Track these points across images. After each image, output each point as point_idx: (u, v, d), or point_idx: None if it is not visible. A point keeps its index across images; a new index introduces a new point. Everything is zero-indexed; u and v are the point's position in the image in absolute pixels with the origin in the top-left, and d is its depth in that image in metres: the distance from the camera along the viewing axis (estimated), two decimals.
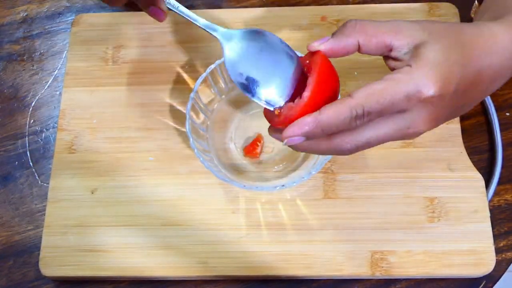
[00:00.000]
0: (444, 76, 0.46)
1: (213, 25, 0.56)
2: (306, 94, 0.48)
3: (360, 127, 0.47)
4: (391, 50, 0.49)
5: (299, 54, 0.54)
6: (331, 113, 0.46)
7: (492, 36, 0.49)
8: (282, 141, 0.48)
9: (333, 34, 0.50)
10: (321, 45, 0.49)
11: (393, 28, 0.49)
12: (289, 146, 0.49)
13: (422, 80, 0.45)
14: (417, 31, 0.48)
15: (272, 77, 0.52)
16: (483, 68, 0.48)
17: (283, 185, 0.59)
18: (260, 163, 0.64)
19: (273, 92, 0.51)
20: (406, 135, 0.48)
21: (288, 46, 0.54)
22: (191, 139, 0.60)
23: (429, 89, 0.46)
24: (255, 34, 0.54)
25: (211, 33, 0.56)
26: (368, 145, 0.49)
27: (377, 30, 0.49)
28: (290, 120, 0.48)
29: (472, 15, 0.68)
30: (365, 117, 0.46)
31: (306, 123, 0.47)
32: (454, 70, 0.47)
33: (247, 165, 0.64)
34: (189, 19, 0.57)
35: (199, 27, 0.57)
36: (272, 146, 0.64)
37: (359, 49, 0.49)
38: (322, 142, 0.48)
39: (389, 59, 0.50)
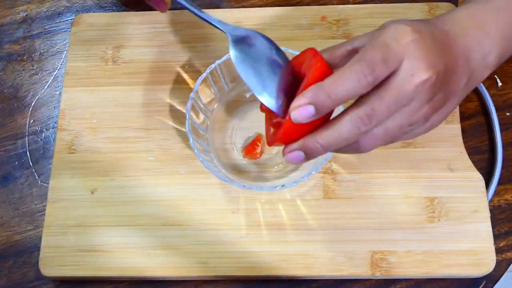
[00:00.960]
0: (411, 25, 0.46)
1: (221, 21, 0.56)
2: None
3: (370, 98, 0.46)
4: (358, 49, 0.48)
5: (294, 52, 0.54)
6: (335, 75, 0.45)
7: (450, 13, 0.52)
8: (292, 124, 0.46)
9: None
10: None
11: (348, 40, 0.50)
12: (307, 152, 0.48)
13: (394, 32, 0.46)
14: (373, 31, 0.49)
15: (271, 82, 0.51)
16: (447, 31, 0.49)
17: (283, 185, 0.59)
18: (260, 163, 0.64)
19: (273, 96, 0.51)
20: (416, 86, 0.46)
21: (279, 49, 0.54)
22: (191, 139, 0.60)
23: (406, 35, 0.45)
24: (252, 38, 0.54)
25: (219, 28, 0.55)
26: (382, 104, 0.46)
27: (334, 48, 0.50)
28: (285, 132, 0.48)
29: None
30: (369, 69, 0.44)
31: (309, 89, 0.45)
32: (419, 23, 0.47)
33: (247, 165, 0.64)
34: (197, 14, 0.57)
35: (206, 21, 0.56)
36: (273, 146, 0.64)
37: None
38: (338, 118, 0.47)
39: None
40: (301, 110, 0.45)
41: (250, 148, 0.63)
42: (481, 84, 0.67)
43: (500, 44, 0.52)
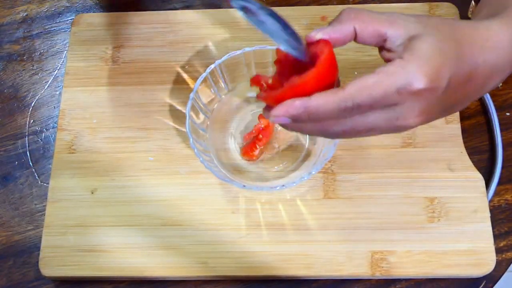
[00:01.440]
0: (436, 69, 0.45)
1: None
2: (304, 78, 0.47)
3: (348, 116, 0.47)
4: (385, 40, 0.48)
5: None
6: (321, 102, 0.45)
7: (488, 32, 0.49)
8: (268, 118, 0.48)
9: (330, 23, 0.50)
10: (319, 33, 0.49)
11: (389, 18, 0.48)
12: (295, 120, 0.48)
13: (413, 73, 0.45)
14: (412, 23, 0.48)
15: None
16: (477, 64, 0.48)
17: (283, 185, 0.59)
18: (260, 163, 0.64)
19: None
20: (395, 127, 0.47)
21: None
22: (191, 139, 0.60)
23: (420, 82, 0.45)
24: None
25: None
26: (355, 132, 0.48)
27: (373, 19, 0.49)
28: (278, 97, 0.47)
29: (469, 15, 0.68)
30: (354, 110, 0.45)
31: (295, 106, 0.46)
32: (447, 64, 0.46)
33: (247, 165, 0.64)
34: None
35: None
36: (276, 145, 0.64)
37: (355, 38, 0.49)
38: (309, 124, 0.48)
39: (383, 50, 0.49)
40: (280, 119, 0.47)
41: (248, 149, 0.63)
42: None
43: (509, 55, 0.50)
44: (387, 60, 0.48)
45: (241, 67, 0.65)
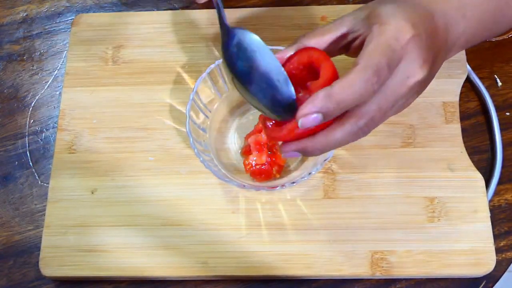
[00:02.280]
0: (409, 19, 0.47)
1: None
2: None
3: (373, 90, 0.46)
4: (347, 35, 0.50)
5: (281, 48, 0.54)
6: (344, 83, 0.45)
7: None
8: (296, 127, 0.47)
9: (287, 47, 0.52)
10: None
11: (336, 22, 0.51)
12: (305, 151, 0.49)
13: (395, 30, 0.46)
14: (359, 10, 0.50)
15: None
16: (434, 14, 0.50)
17: (283, 185, 0.59)
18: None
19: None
20: (411, 88, 0.48)
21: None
22: (191, 139, 0.60)
23: (408, 31, 0.46)
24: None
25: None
26: (383, 113, 0.48)
27: (323, 31, 0.51)
28: (289, 133, 0.48)
29: None
30: (376, 79, 0.45)
31: (318, 97, 0.45)
32: (413, 13, 0.48)
33: (247, 165, 0.64)
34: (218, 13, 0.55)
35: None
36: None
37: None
38: (337, 129, 0.48)
39: (350, 49, 0.51)
40: (310, 117, 0.46)
41: (248, 150, 0.63)
42: (481, 84, 0.67)
43: (474, 27, 0.52)
44: (356, 49, 0.49)
45: None
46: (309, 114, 0.45)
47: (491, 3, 0.53)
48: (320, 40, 0.51)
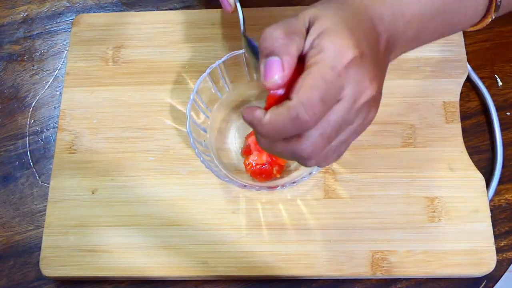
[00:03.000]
0: (351, 36, 0.44)
1: None
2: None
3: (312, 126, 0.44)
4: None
5: None
6: (273, 117, 0.44)
7: None
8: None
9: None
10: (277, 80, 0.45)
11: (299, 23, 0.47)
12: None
13: (335, 51, 0.43)
14: (305, 10, 0.47)
15: None
16: (373, 18, 0.47)
17: (283, 185, 0.59)
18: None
19: None
20: (361, 109, 0.45)
21: None
22: (191, 139, 0.60)
23: (346, 55, 0.43)
24: None
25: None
26: (323, 139, 0.45)
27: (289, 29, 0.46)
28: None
29: None
30: (307, 115, 0.43)
31: (255, 116, 0.45)
32: (356, 25, 0.45)
33: (247, 165, 0.64)
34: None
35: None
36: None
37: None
38: (279, 143, 0.46)
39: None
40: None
41: (248, 150, 0.63)
42: (482, 83, 0.67)
43: (417, 23, 0.50)
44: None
45: (242, 67, 0.65)
46: (244, 117, 0.46)
47: (435, 2, 0.50)
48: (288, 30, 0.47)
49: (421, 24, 0.50)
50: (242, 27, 0.61)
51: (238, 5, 0.61)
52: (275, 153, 0.48)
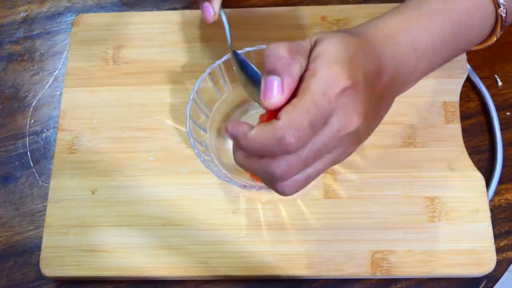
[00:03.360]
0: (347, 66, 0.45)
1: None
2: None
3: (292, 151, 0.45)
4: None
5: None
6: (259, 133, 0.45)
7: (385, 28, 0.50)
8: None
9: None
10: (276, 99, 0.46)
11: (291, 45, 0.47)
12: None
13: (329, 78, 0.44)
14: (312, 36, 0.48)
15: None
16: (381, 55, 0.48)
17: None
18: None
19: None
20: (345, 140, 0.46)
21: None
22: (191, 139, 0.60)
23: (339, 83, 0.44)
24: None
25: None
26: (300, 161, 0.45)
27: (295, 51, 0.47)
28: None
29: None
30: (292, 138, 0.43)
31: (240, 129, 0.46)
32: (356, 58, 0.46)
33: None
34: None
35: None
36: None
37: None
38: (254, 159, 0.47)
39: None
40: (228, 133, 0.48)
41: None
42: (482, 83, 0.67)
43: (429, 55, 0.51)
44: None
45: None
46: (228, 132, 0.47)
47: (444, 29, 0.51)
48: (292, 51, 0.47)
49: (433, 56, 0.51)
50: (229, 40, 0.61)
51: (224, 16, 0.60)
52: (248, 169, 0.48)
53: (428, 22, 0.50)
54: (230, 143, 0.65)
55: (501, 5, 0.52)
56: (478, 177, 0.62)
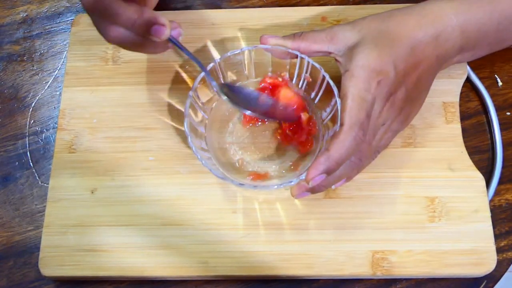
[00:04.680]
0: (379, 62, 0.55)
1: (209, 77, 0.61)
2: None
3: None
4: (330, 53, 0.59)
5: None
6: (337, 145, 0.53)
7: (424, 9, 0.58)
8: (308, 184, 0.54)
9: (283, 37, 0.61)
10: (270, 39, 0.60)
11: (329, 35, 0.59)
12: (313, 191, 0.57)
13: (365, 82, 0.55)
14: (348, 32, 0.58)
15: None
16: (417, 40, 0.57)
17: (281, 184, 0.59)
18: (258, 162, 0.63)
19: None
20: (384, 120, 0.57)
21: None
22: (189, 137, 0.60)
23: (373, 82, 0.55)
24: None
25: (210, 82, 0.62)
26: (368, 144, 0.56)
27: (316, 38, 0.59)
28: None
29: None
30: (361, 131, 0.54)
31: (320, 162, 0.53)
32: (386, 54, 0.56)
33: (246, 164, 0.63)
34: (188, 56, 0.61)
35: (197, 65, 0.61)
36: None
37: (304, 52, 0.60)
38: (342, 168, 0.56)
39: (332, 56, 0.59)
40: (316, 179, 0.54)
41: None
42: (481, 83, 0.67)
43: (471, 43, 0.60)
44: (339, 62, 0.58)
45: (240, 66, 0.65)
46: (315, 177, 0.53)
47: (491, 18, 0.59)
48: (310, 46, 0.59)
49: (477, 40, 0.60)
50: (221, 79, 0.64)
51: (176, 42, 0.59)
52: (348, 177, 0.59)
53: (478, 9, 0.58)
54: (228, 142, 0.65)
55: None
56: (478, 177, 0.62)
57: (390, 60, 0.56)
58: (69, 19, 0.74)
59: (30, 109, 0.70)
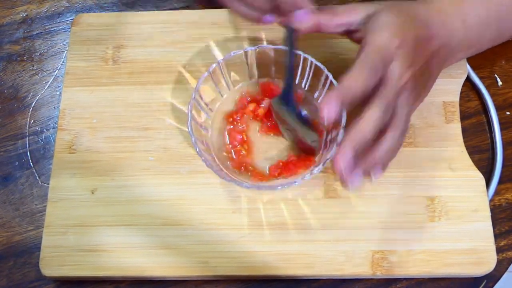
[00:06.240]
0: (398, 28, 0.56)
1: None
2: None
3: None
4: (351, 24, 0.58)
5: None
6: (349, 74, 0.53)
7: (438, 2, 0.60)
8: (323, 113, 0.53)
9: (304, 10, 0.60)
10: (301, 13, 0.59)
11: (349, 7, 0.59)
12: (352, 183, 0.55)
13: (385, 41, 0.55)
14: (370, 6, 0.58)
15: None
16: (431, 24, 0.58)
17: (284, 185, 0.59)
18: (261, 162, 0.63)
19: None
20: (402, 90, 0.55)
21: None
22: (193, 138, 0.60)
23: (393, 44, 0.54)
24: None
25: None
26: (403, 120, 0.56)
27: (336, 11, 0.59)
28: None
29: None
30: (373, 69, 0.53)
31: (331, 95, 0.52)
32: (406, 22, 0.57)
33: (248, 165, 0.64)
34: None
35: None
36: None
37: (322, 29, 0.59)
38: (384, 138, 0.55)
39: (352, 35, 0.59)
40: (332, 111, 0.53)
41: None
42: (481, 83, 0.67)
43: (473, 34, 0.61)
44: (357, 39, 0.58)
45: (243, 66, 0.65)
46: (330, 108, 0.52)
47: (489, 8, 0.60)
48: (331, 20, 0.59)
49: (478, 31, 0.61)
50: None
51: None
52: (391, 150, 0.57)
53: (478, 0, 0.61)
54: (231, 143, 0.65)
55: None
56: (478, 177, 0.62)
57: (411, 29, 0.56)
58: (69, 19, 0.74)
59: (30, 109, 0.70)
